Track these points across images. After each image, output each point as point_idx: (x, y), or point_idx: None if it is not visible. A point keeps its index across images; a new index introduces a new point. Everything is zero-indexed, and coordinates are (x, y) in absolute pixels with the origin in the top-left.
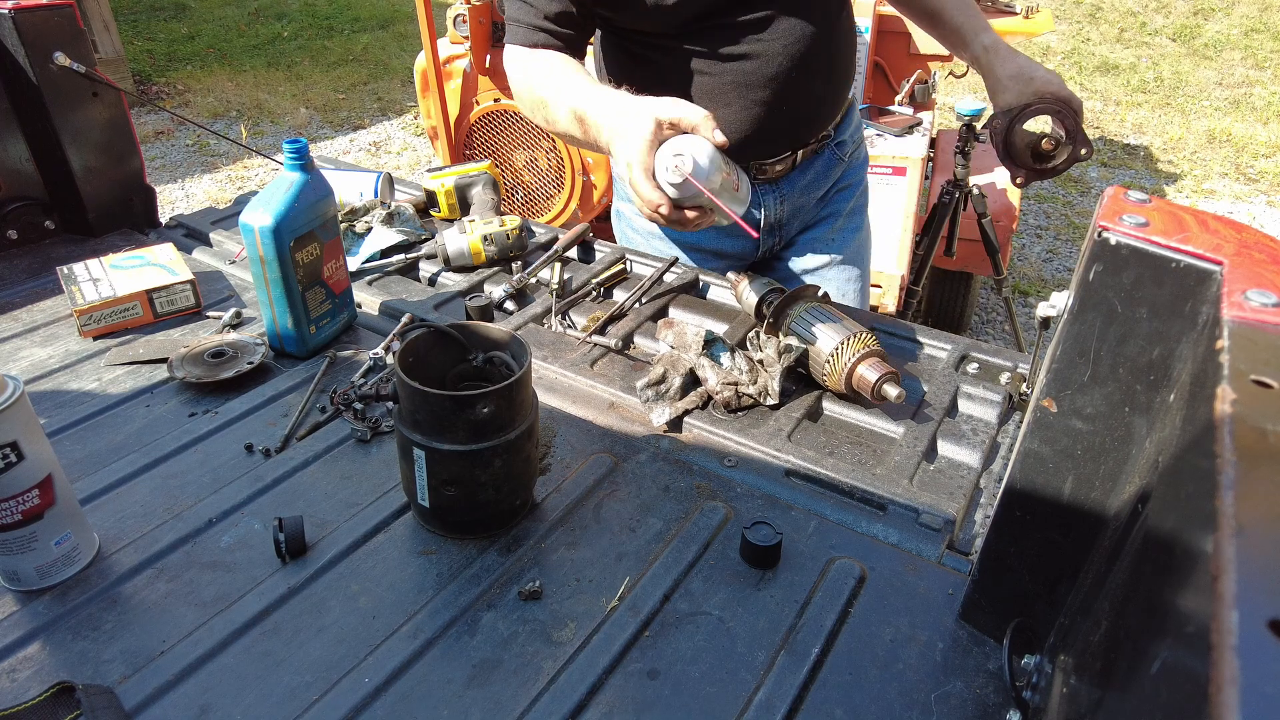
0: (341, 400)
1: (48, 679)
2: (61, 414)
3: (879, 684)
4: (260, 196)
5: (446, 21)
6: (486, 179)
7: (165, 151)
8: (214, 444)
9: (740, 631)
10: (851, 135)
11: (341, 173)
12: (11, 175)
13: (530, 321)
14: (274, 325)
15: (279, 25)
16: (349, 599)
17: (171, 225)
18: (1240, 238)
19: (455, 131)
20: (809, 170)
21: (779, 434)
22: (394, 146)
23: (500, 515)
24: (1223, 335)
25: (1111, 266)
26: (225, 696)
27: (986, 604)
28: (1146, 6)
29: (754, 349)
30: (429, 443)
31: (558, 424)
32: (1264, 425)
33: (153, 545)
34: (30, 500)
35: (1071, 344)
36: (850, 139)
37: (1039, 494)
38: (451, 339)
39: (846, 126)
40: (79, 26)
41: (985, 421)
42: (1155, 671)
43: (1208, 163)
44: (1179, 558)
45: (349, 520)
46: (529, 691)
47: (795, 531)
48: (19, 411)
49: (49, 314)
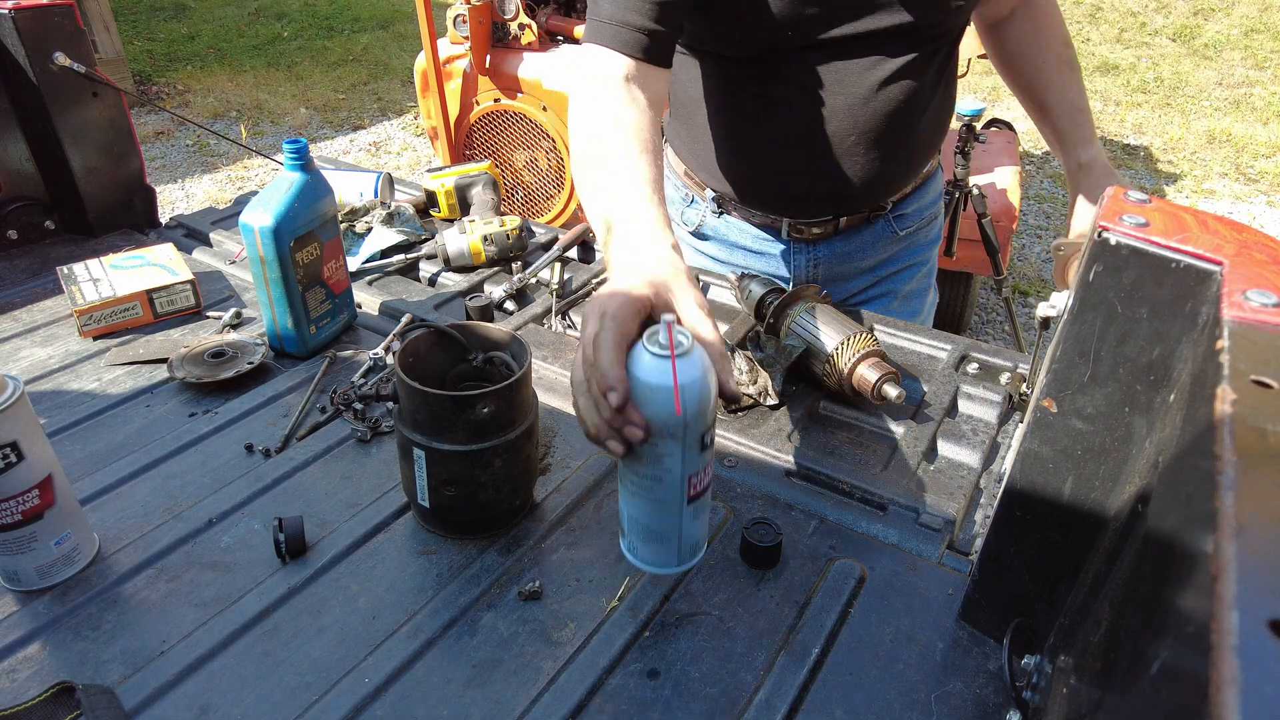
0: (341, 400)
1: (48, 679)
2: (61, 414)
3: (879, 684)
4: (260, 197)
5: (446, 22)
6: (486, 179)
7: (165, 151)
8: (214, 444)
9: (740, 631)
10: (920, 210)
11: (341, 173)
12: (11, 175)
13: (530, 321)
14: (274, 325)
15: (279, 25)
16: (349, 599)
17: (171, 225)
18: (1240, 238)
19: (455, 131)
20: (853, 239)
21: (779, 434)
22: (394, 146)
23: (500, 515)
24: (1223, 335)
25: (1111, 266)
26: (225, 696)
27: (986, 604)
28: (1146, 6)
29: (754, 349)
30: (429, 443)
31: (558, 424)
32: (1264, 425)
33: (153, 545)
34: (30, 500)
35: (1071, 344)
36: (916, 214)
37: (1039, 494)
38: (451, 339)
39: (914, 200)
40: (79, 26)
41: (985, 421)
42: (1155, 672)
43: (1208, 163)
44: (1179, 558)
45: (349, 520)
46: (529, 691)
47: (795, 531)
48: (19, 411)
49: (49, 314)
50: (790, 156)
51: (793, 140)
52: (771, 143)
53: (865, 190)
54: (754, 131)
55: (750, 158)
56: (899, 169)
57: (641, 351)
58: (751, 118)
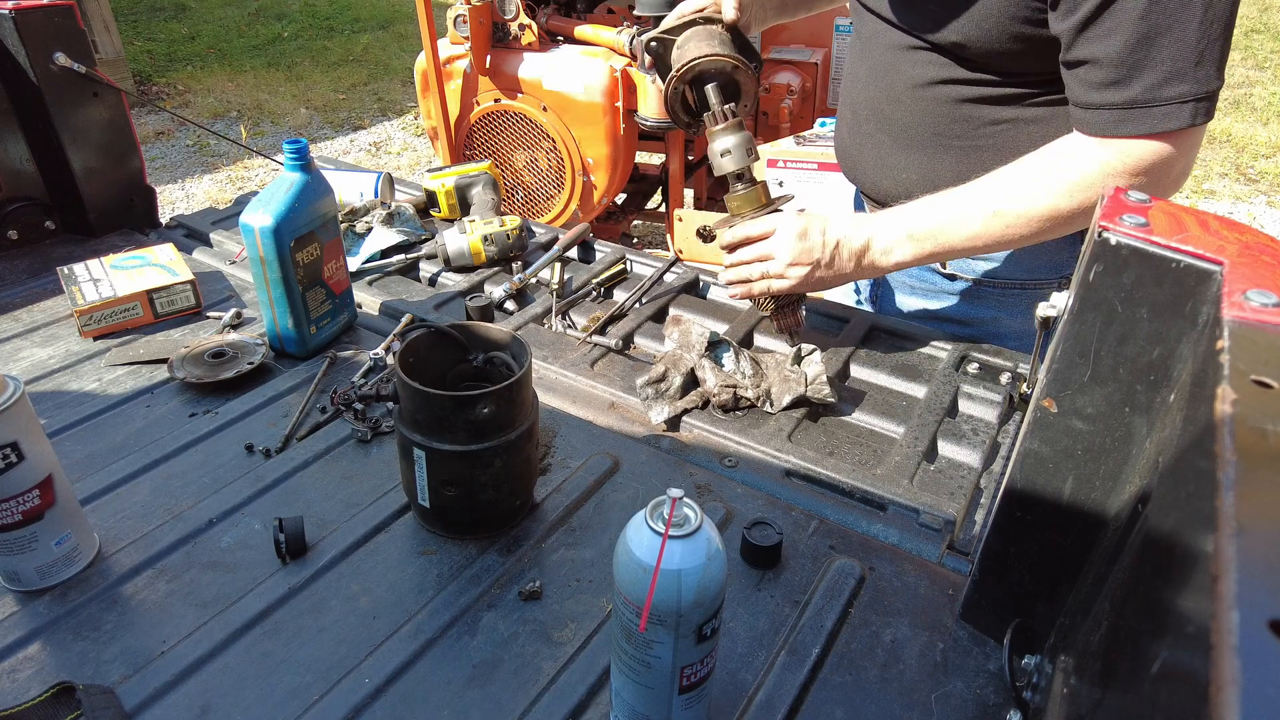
0: (342, 400)
1: (48, 679)
2: (62, 414)
3: (879, 684)
4: (260, 197)
5: (447, 22)
6: (486, 179)
7: (165, 152)
8: (214, 444)
9: (740, 631)
10: (982, 272)
11: (341, 173)
12: (12, 175)
13: (530, 321)
14: (274, 325)
15: (279, 25)
16: (349, 599)
17: (172, 225)
18: (1240, 238)
19: (455, 132)
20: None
21: (779, 434)
22: (394, 147)
23: (500, 515)
24: (1223, 335)
25: (1111, 266)
26: (225, 696)
27: (986, 604)
28: None
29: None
30: (429, 443)
31: (558, 424)
32: (1264, 425)
33: (153, 545)
34: (30, 500)
35: (1071, 344)
36: (971, 271)
37: (1039, 494)
38: (452, 339)
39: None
40: (79, 27)
41: (985, 421)
42: (1155, 672)
43: (1208, 163)
44: (1179, 558)
45: (349, 520)
46: (529, 691)
47: (795, 531)
48: (19, 412)
49: (49, 314)
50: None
51: (845, 91)
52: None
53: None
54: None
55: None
56: (912, 171)
57: (642, 525)
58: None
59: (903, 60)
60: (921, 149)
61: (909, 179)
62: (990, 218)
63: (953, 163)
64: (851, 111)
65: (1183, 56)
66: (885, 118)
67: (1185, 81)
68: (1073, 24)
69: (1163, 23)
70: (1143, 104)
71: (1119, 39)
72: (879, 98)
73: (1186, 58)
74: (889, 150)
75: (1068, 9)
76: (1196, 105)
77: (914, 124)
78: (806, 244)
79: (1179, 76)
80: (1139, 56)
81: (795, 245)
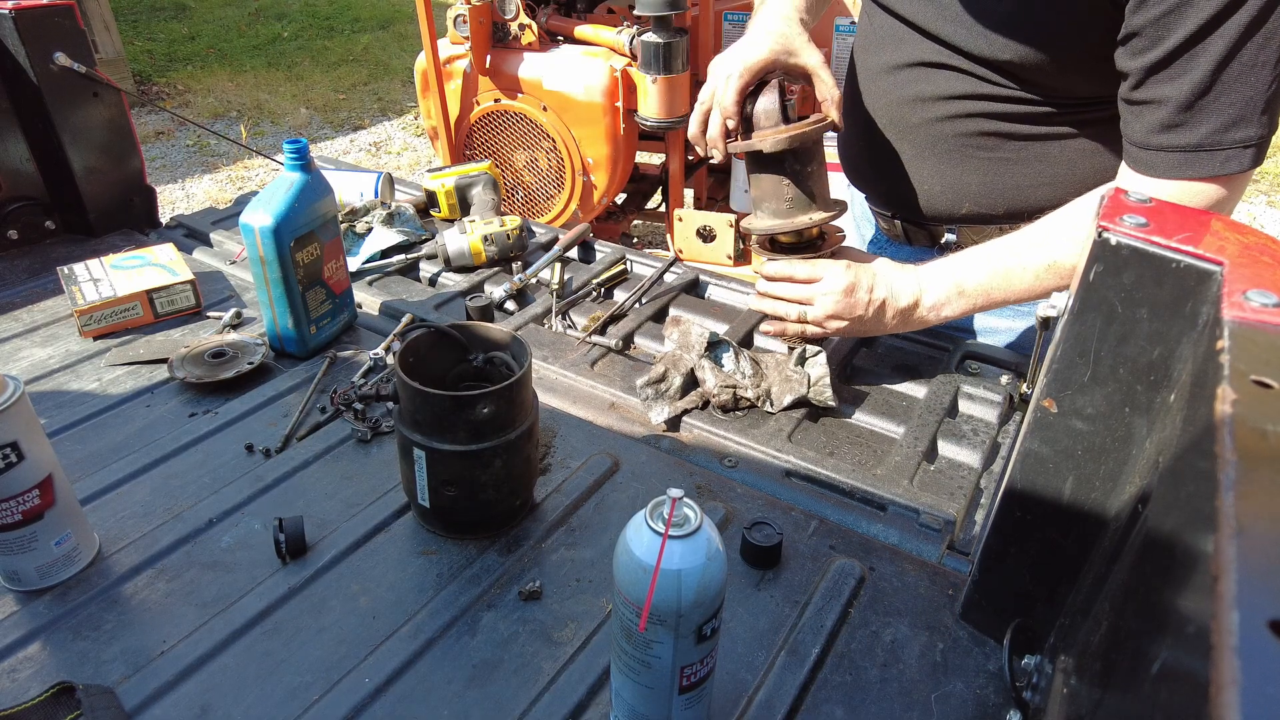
0: (342, 400)
1: (48, 679)
2: (62, 414)
3: (879, 684)
4: (260, 197)
5: (447, 22)
6: (487, 179)
7: (165, 151)
8: (214, 444)
9: (740, 631)
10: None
11: (342, 173)
12: (12, 175)
13: (530, 321)
14: (274, 325)
15: (279, 25)
16: (349, 599)
17: (172, 225)
18: (1240, 238)
19: (455, 132)
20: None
21: (779, 434)
22: (394, 146)
23: (500, 515)
24: (1223, 335)
25: (1111, 266)
26: (225, 696)
27: (986, 604)
28: None
29: (772, 361)
30: (429, 443)
31: (558, 424)
32: (1264, 426)
33: (153, 545)
34: (30, 500)
35: (1071, 344)
36: None
37: (1039, 494)
38: (452, 339)
39: None
40: (79, 26)
41: (985, 421)
42: (1155, 672)
43: None
44: (1179, 558)
45: (349, 520)
46: (529, 691)
47: (795, 532)
48: (19, 412)
49: (49, 314)
50: (850, 100)
51: (854, 97)
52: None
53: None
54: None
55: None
56: (935, 182)
57: (642, 525)
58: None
59: (931, 70)
60: (946, 160)
61: (931, 189)
62: (1045, 270)
63: (978, 174)
64: (863, 119)
65: (1251, 102)
66: (906, 127)
67: (1250, 126)
68: (1144, 64)
69: (1237, 70)
70: (1208, 148)
71: (1190, 81)
72: (899, 107)
73: (1255, 104)
74: (909, 160)
75: (1141, 47)
76: (1258, 150)
77: (939, 136)
78: (851, 300)
79: (1245, 122)
80: (1209, 101)
81: (840, 301)
